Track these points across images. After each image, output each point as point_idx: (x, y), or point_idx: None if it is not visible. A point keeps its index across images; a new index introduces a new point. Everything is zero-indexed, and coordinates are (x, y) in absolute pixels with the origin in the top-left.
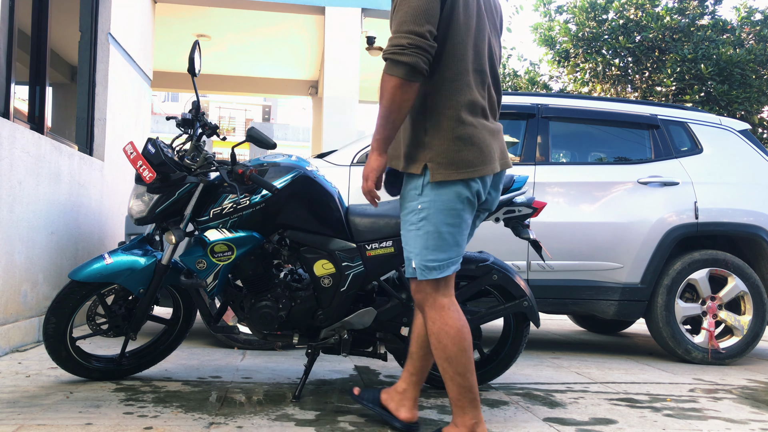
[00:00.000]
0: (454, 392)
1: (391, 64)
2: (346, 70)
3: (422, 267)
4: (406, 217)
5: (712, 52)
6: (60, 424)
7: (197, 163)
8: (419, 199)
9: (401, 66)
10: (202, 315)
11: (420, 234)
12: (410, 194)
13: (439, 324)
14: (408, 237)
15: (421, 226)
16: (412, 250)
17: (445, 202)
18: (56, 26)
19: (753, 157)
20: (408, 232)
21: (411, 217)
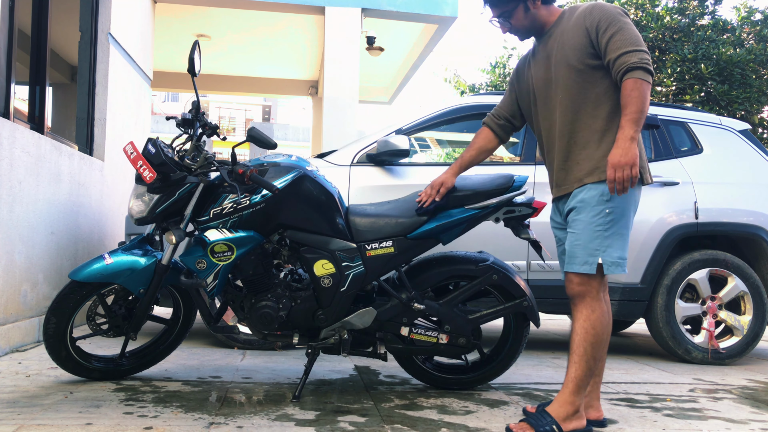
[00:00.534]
0: (581, 373)
1: (646, 72)
2: (346, 70)
3: (611, 263)
4: (591, 218)
5: (712, 52)
6: (60, 424)
7: (197, 163)
8: (608, 204)
9: (650, 75)
10: (202, 315)
11: (608, 234)
12: (597, 198)
13: (598, 313)
14: (593, 236)
15: (609, 227)
16: (599, 247)
17: (634, 201)
18: (56, 26)
19: (753, 157)
20: (593, 232)
21: (598, 219)
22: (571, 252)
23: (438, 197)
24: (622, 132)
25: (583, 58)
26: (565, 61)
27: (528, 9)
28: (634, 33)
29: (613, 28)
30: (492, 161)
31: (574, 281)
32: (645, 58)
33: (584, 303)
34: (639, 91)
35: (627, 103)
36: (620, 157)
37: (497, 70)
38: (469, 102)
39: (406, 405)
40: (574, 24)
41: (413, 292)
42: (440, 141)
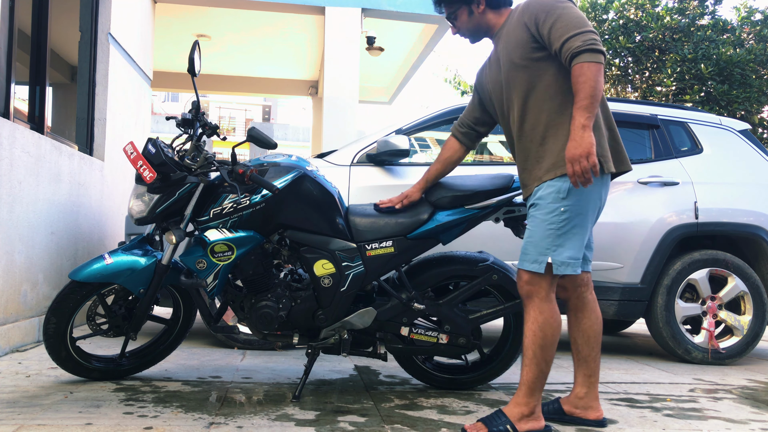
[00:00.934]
0: (532, 375)
1: (594, 53)
2: (346, 70)
3: (561, 263)
4: (545, 216)
5: (712, 52)
6: (60, 424)
7: (197, 163)
8: (563, 202)
9: (601, 54)
10: (202, 315)
11: (560, 233)
12: (552, 195)
13: (546, 315)
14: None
15: (563, 226)
16: (550, 246)
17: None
18: (56, 26)
19: (753, 157)
20: (545, 230)
21: (552, 217)
22: (523, 249)
23: (398, 206)
24: (573, 122)
25: (526, 53)
26: (510, 61)
27: (472, 12)
28: (574, 16)
29: (552, 16)
30: (492, 161)
31: (524, 279)
32: (590, 38)
33: (532, 304)
34: (586, 75)
35: (576, 90)
36: (574, 149)
37: None
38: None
39: (406, 405)
40: (515, 22)
41: (413, 292)
42: (440, 141)
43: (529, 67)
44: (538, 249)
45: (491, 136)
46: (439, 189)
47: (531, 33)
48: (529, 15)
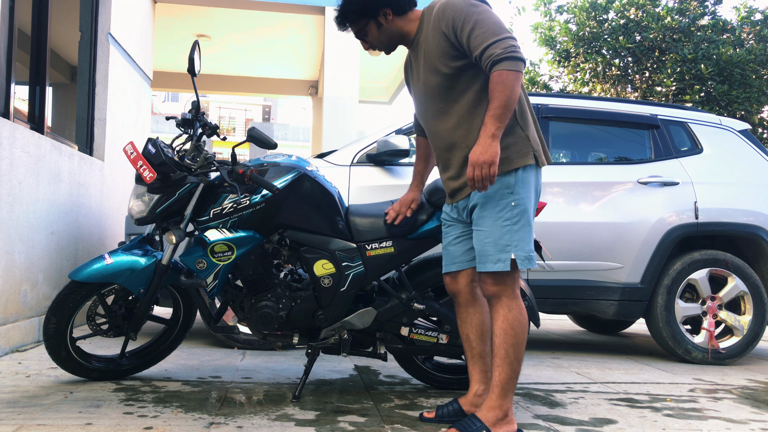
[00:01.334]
0: (506, 376)
1: (513, 61)
2: (346, 70)
3: (524, 258)
4: (498, 213)
5: (712, 52)
6: (60, 424)
7: (197, 163)
8: (513, 196)
9: (520, 62)
10: (202, 315)
11: (517, 228)
12: (501, 192)
13: (515, 312)
14: (502, 231)
15: (517, 220)
16: (510, 242)
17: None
18: (56, 26)
19: (753, 157)
20: (501, 228)
21: (505, 213)
22: (481, 251)
23: (408, 213)
24: (484, 128)
25: (448, 62)
26: (434, 69)
27: (381, 25)
28: (491, 22)
29: (469, 23)
30: None
31: (488, 281)
32: (509, 45)
33: (500, 303)
34: (503, 84)
35: (492, 97)
36: (479, 155)
37: None
38: None
39: (406, 405)
40: (433, 29)
41: (413, 292)
42: None
43: (454, 75)
44: (497, 247)
45: None
46: (439, 189)
47: (450, 41)
48: (446, 22)
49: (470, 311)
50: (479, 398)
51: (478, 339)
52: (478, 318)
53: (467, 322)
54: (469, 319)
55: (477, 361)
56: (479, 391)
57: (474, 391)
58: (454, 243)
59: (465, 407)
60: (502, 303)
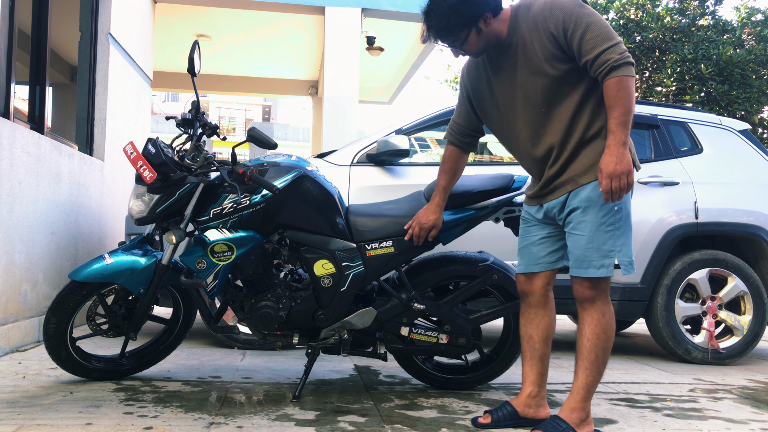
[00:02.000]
0: (593, 379)
1: (628, 66)
2: (346, 70)
3: (627, 263)
4: (602, 218)
5: (712, 53)
6: (60, 424)
7: (197, 163)
8: (618, 203)
9: (632, 67)
10: (202, 315)
11: (619, 233)
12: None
13: (608, 317)
14: (605, 237)
15: (620, 225)
16: (613, 248)
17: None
18: (56, 26)
19: (753, 157)
20: (604, 233)
21: (608, 218)
22: (582, 256)
23: (430, 238)
24: (613, 137)
25: (556, 64)
26: (538, 71)
27: (480, 30)
28: (603, 26)
29: (581, 26)
30: (492, 161)
31: (586, 286)
32: (624, 51)
33: (595, 307)
34: (625, 90)
35: (614, 105)
36: (615, 165)
37: None
38: None
39: (406, 405)
40: (536, 29)
41: (413, 292)
42: (440, 141)
43: (560, 78)
44: (601, 252)
45: (491, 135)
46: None
47: (558, 42)
48: (554, 23)
49: (540, 313)
50: (533, 399)
51: (542, 341)
52: (546, 321)
53: (534, 324)
54: (537, 320)
55: (536, 363)
56: (533, 393)
57: (528, 392)
58: (538, 243)
59: (519, 408)
60: (597, 307)
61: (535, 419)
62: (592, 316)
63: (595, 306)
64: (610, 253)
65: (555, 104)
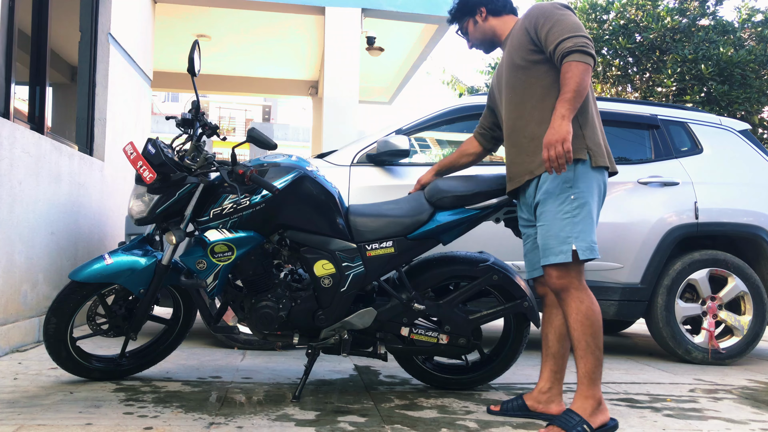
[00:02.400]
0: (591, 365)
1: (583, 54)
2: (346, 70)
3: (586, 248)
4: (558, 207)
5: (712, 53)
6: (60, 424)
7: (197, 163)
8: (572, 190)
9: (590, 56)
10: (202, 315)
11: (577, 220)
12: (560, 186)
13: (587, 303)
14: (562, 224)
15: (577, 213)
16: (570, 234)
17: (597, 187)
18: (56, 26)
19: (753, 157)
20: (562, 221)
21: (565, 206)
22: (544, 244)
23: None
24: (555, 112)
25: (524, 55)
26: (511, 62)
27: (476, 22)
28: (570, 21)
29: (550, 21)
30: (492, 161)
31: (554, 275)
32: (581, 41)
33: (569, 295)
34: (573, 72)
35: (562, 84)
36: (551, 135)
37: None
38: (469, 102)
39: (406, 405)
40: (518, 27)
41: (413, 293)
42: (440, 141)
43: (527, 68)
44: (558, 239)
45: None
46: (439, 189)
47: (530, 36)
48: (530, 20)
49: (554, 312)
50: (543, 395)
51: (556, 339)
52: (559, 319)
53: (549, 322)
54: (551, 319)
55: (549, 360)
56: (544, 389)
57: (539, 388)
58: (531, 250)
59: (528, 403)
60: (572, 296)
61: (545, 414)
62: (569, 305)
63: (570, 294)
64: (567, 239)
65: (523, 94)
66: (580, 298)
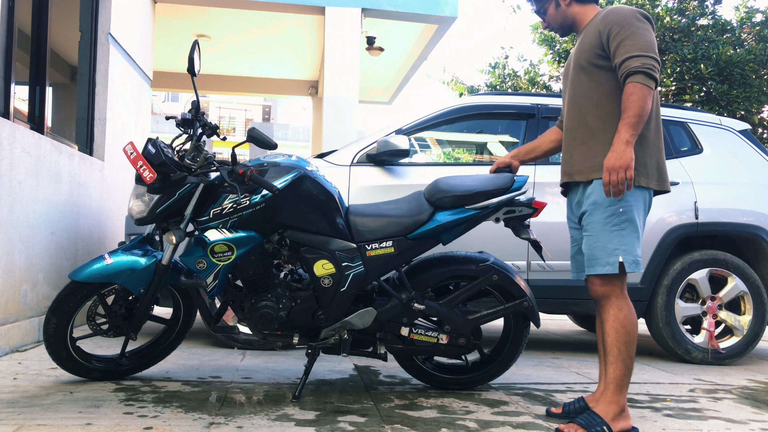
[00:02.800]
0: (620, 372)
1: (648, 77)
2: (346, 70)
3: (632, 262)
4: (606, 219)
5: (712, 53)
6: (60, 424)
7: (197, 163)
8: (621, 203)
9: (653, 81)
10: (202, 315)
11: (625, 233)
12: (609, 199)
13: (625, 311)
14: (610, 236)
15: (625, 226)
16: (618, 246)
17: (644, 202)
18: (56, 26)
19: (753, 157)
20: (609, 233)
21: (613, 219)
22: (590, 255)
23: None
24: (618, 135)
25: (591, 58)
26: (577, 60)
27: (558, 5)
28: (644, 39)
29: (624, 32)
30: (492, 161)
31: (597, 283)
32: (649, 63)
33: (610, 303)
34: (637, 95)
35: (625, 106)
36: (615, 160)
37: (497, 71)
38: (469, 102)
39: (406, 405)
40: (593, 26)
41: (413, 293)
42: (440, 141)
43: (590, 71)
44: (606, 251)
45: (491, 135)
46: (439, 189)
47: (601, 40)
48: (605, 24)
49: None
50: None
51: None
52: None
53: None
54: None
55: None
56: (601, 388)
57: (600, 389)
58: (578, 252)
59: (591, 404)
60: (612, 303)
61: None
62: (608, 312)
63: (610, 302)
64: (615, 252)
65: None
66: (620, 306)
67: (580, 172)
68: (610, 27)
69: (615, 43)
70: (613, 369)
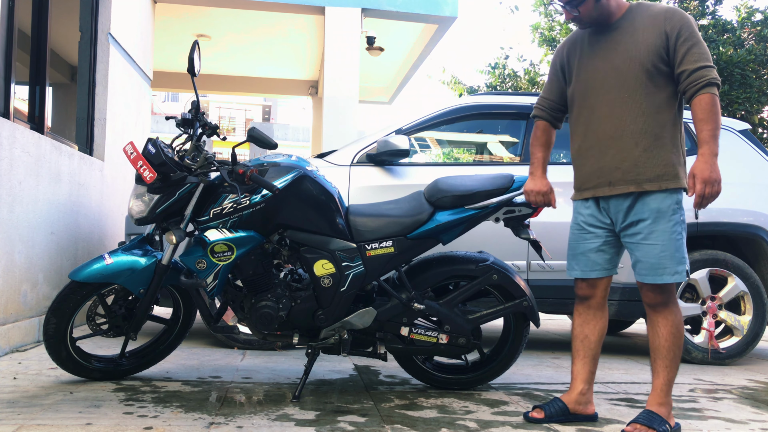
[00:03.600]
0: (672, 374)
1: (718, 89)
2: (346, 70)
3: (689, 269)
4: (672, 228)
5: (712, 53)
6: (60, 424)
7: (197, 163)
8: (681, 212)
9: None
10: (202, 315)
11: (684, 241)
12: (672, 207)
13: (679, 316)
14: (677, 245)
15: (684, 234)
16: (684, 255)
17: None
18: (56, 26)
19: (753, 157)
20: (676, 241)
21: (677, 227)
22: (657, 264)
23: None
24: (707, 147)
25: (656, 61)
26: (638, 60)
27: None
28: (706, 49)
29: (693, 39)
30: (492, 161)
31: (657, 291)
32: (716, 75)
33: (668, 309)
34: (717, 107)
35: (707, 118)
36: (710, 173)
37: (497, 71)
38: (469, 102)
39: (406, 405)
40: (651, 24)
41: (413, 292)
42: (440, 141)
43: (654, 74)
44: (675, 260)
45: (491, 135)
46: (439, 189)
47: (667, 43)
48: (672, 26)
49: (598, 315)
50: (583, 396)
51: (597, 341)
52: (603, 322)
53: (591, 325)
54: (595, 322)
55: (589, 362)
56: (584, 390)
57: (579, 390)
58: (596, 251)
59: (570, 405)
60: (669, 309)
61: (583, 415)
62: (666, 317)
63: (668, 308)
64: (682, 260)
65: (641, 95)
66: (675, 312)
67: (650, 181)
68: (678, 29)
69: (683, 49)
70: (667, 372)
